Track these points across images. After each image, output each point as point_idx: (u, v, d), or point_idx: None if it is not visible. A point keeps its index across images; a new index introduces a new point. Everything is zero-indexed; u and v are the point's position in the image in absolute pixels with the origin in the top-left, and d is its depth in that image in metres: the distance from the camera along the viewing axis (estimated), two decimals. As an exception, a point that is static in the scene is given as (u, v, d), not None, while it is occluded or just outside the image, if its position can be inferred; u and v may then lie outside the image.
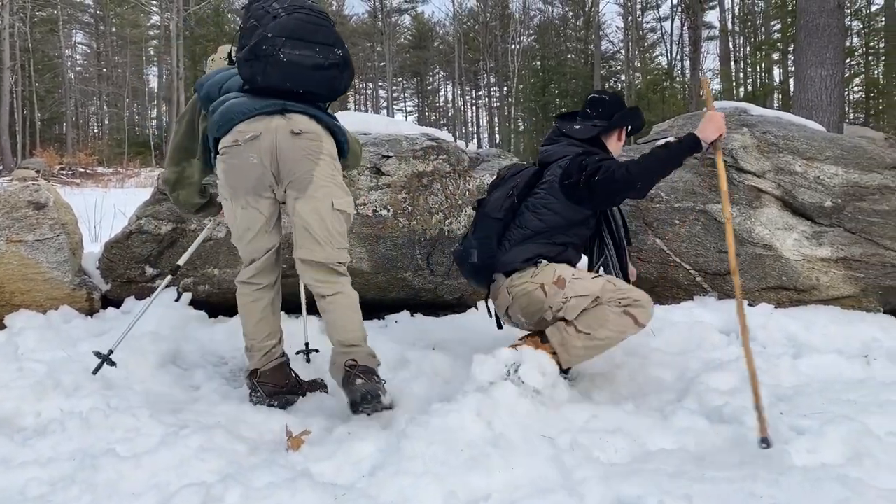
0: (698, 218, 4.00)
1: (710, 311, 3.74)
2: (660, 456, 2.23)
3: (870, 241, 3.82)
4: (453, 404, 2.42)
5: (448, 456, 2.14)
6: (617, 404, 2.60)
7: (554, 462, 2.16)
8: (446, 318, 3.79)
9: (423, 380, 2.90)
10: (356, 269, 3.62)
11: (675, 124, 4.69)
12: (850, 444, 2.30)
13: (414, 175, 3.74)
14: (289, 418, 2.51)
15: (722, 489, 2.00)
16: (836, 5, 9.71)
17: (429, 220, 3.75)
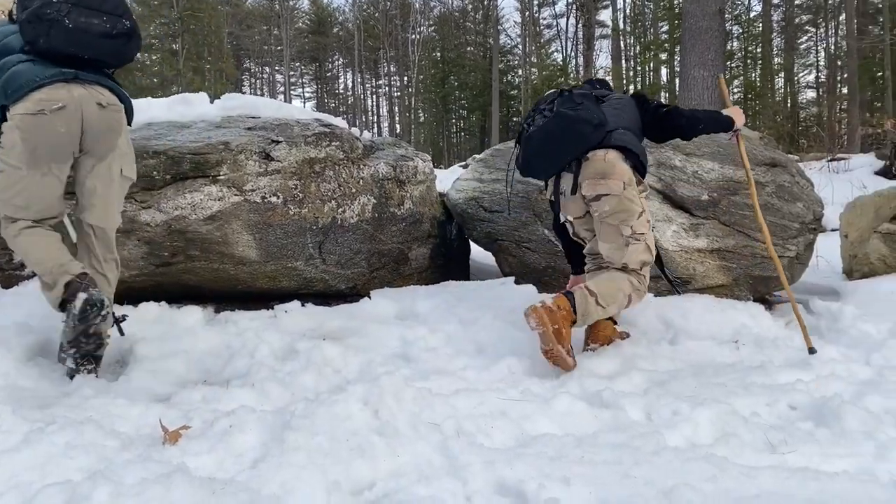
0: (585, 210, 4.12)
1: (595, 300, 3.86)
2: (542, 440, 2.28)
3: (742, 233, 4.06)
4: (340, 394, 2.40)
5: (333, 446, 2.12)
6: (502, 391, 2.64)
7: (439, 448, 2.18)
8: (339, 308, 3.74)
9: (312, 370, 2.85)
10: (244, 257, 3.51)
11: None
12: (718, 425, 2.44)
13: (305, 161, 3.67)
14: (168, 412, 2.41)
15: (599, 471, 2.07)
16: (717, 10, 10.27)
17: (321, 207, 3.68)
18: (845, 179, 9.91)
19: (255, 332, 3.28)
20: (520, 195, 4.26)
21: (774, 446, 2.30)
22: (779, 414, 2.60)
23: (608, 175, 2.99)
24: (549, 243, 4.11)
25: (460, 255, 4.82)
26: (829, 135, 15.34)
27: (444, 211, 4.56)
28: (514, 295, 3.84)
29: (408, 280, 4.28)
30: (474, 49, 41.67)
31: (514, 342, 3.29)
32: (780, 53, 32.17)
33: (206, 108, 3.92)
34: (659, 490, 1.95)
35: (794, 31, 31.81)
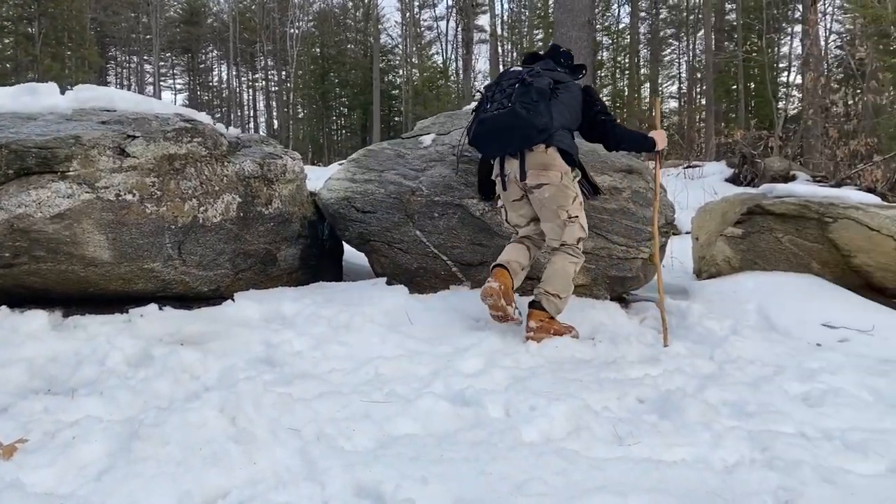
0: (455, 212, 4.19)
1: (463, 300, 3.94)
2: (403, 441, 2.30)
3: (600, 235, 4.26)
4: (195, 401, 2.32)
5: (185, 455, 2.04)
6: (367, 394, 2.64)
7: (298, 453, 2.15)
8: (200, 311, 3.61)
9: (167, 377, 2.73)
10: (95, 259, 3.32)
11: (437, 121, 4.88)
12: (571, 420, 2.55)
13: (164, 157, 3.50)
14: (4, 424, 2.23)
15: (457, 468, 2.12)
16: (586, 21, 10.72)
17: (181, 206, 3.53)
18: (699, 185, 10.63)
19: (106, 337, 3.11)
20: (392, 196, 4.27)
21: (622, 438, 2.43)
22: (628, 407, 2.76)
23: (549, 167, 3.46)
24: (422, 244, 4.15)
25: (332, 256, 4.77)
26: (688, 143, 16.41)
27: (316, 211, 4.50)
28: (386, 296, 3.86)
29: (276, 281, 4.19)
30: (355, 47, 41.36)
31: (383, 344, 3.29)
32: (647, 65, 34.09)
33: (55, 100, 3.67)
34: (512, 485, 2.02)
35: (659, 44, 33.81)
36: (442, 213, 4.20)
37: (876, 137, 12.21)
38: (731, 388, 2.99)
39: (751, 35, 25.31)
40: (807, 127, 14.09)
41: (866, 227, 4.53)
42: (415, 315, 3.67)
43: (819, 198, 4.81)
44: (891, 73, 10.49)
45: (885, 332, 4.03)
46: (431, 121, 4.92)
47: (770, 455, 2.33)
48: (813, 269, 4.75)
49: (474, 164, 4.31)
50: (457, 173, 4.24)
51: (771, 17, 25.20)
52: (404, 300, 3.82)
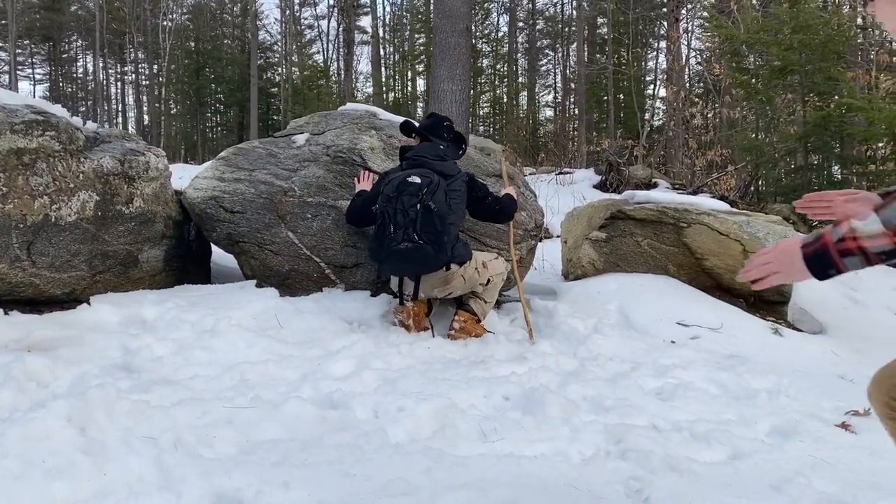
0: (329, 213, 4.15)
1: (336, 302, 3.91)
2: (266, 446, 2.26)
3: (473, 238, 4.35)
4: (38, 411, 2.17)
5: (26, 468, 1.91)
6: (230, 399, 2.57)
7: (154, 462, 2.06)
8: (52, 316, 3.38)
9: (11, 386, 2.54)
10: (-72, 260, 3.04)
11: (312, 121, 4.81)
12: (438, 419, 2.59)
13: (12, 152, 3.26)
14: None
15: (321, 472, 2.10)
16: (464, 27, 10.91)
17: (30, 203, 3.30)
18: (569, 191, 11.08)
19: (-64, 346, 2.85)
20: (263, 196, 4.18)
21: (486, 435, 2.50)
22: (494, 405, 2.83)
23: (450, 280, 3.77)
24: (293, 246, 4.08)
25: (199, 258, 4.60)
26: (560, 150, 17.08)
27: (182, 210, 4.32)
28: (255, 299, 3.77)
29: (138, 284, 3.99)
30: (232, 42, 40.05)
31: (250, 348, 3.21)
32: (524, 73, 35.16)
33: None
34: (376, 486, 2.03)
35: (536, 54, 34.96)
36: (315, 214, 4.15)
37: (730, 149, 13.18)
38: (591, 384, 3.14)
39: (620, 49, 26.67)
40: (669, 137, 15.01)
41: (717, 232, 4.89)
42: (285, 318, 3.60)
43: (675, 204, 5.14)
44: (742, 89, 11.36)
45: (732, 330, 4.37)
46: (305, 120, 4.85)
47: (624, 447, 2.47)
48: (669, 270, 5.06)
49: (349, 166, 4.29)
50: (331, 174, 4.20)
51: (638, 33, 26.70)
52: (274, 303, 3.74)
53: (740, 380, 3.43)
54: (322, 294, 4.02)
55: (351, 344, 3.37)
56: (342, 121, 4.68)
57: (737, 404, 3.10)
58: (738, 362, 3.78)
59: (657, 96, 25.82)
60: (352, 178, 4.22)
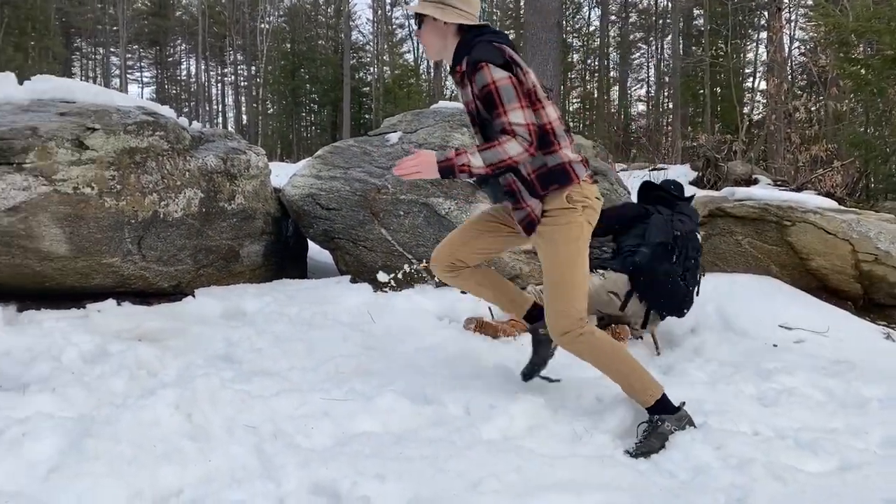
0: (421, 210, 4.19)
1: (428, 298, 3.94)
2: (361, 438, 2.29)
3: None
4: (149, 398, 2.28)
5: (138, 453, 2.01)
6: (327, 391, 2.63)
7: (255, 451, 2.14)
8: (160, 307, 3.56)
9: (123, 374, 2.68)
10: (51, 253, 3.25)
11: (404, 119, 4.87)
12: (529, 418, 2.57)
13: (125, 151, 3.44)
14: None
15: (415, 466, 2.12)
16: (556, 22, 10.79)
17: (141, 200, 3.48)
18: (664, 188, 10.72)
19: (62, 333, 3.05)
20: (357, 194, 4.26)
21: (579, 436, 2.45)
22: (585, 405, 2.78)
23: None
24: (386, 242, 4.14)
25: (297, 253, 4.74)
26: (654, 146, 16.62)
27: (280, 207, 4.46)
28: (349, 294, 3.84)
29: (238, 278, 4.15)
30: (325, 43, 41.09)
31: (345, 342, 3.28)
32: (616, 67, 34.44)
33: (12, 91, 3.58)
34: (469, 482, 2.02)
35: (629, 48, 34.16)
36: (408, 211, 4.20)
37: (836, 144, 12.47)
38: (689, 388, 3.04)
39: (717, 40, 25.71)
40: (770, 132, 14.35)
41: (823, 231, 4.63)
42: (378, 313, 3.66)
43: (778, 201, 4.90)
44: (850, 81, 10.71)
45: (839, 334, 4.12)
46: (398, 118, 4.92)
47: (724, 453, 2.37)
48: (772, 271, 4.83)
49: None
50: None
51: (737, 24, 25.64)
52: (368, 298, 3.81)
53: (849, 387, 3.23)
54: (413, 290, 4.06)
55: (442, 340, 3.38)
56: (434, 119, 4.71)
57: (845, 412, 2.92)
58: (847, 368, 3.56)
59: (757, 89, 24.79)
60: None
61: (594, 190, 2.53)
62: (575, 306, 2.49)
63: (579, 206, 2.46)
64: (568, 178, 2.43)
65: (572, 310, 2.49)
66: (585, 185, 2.48)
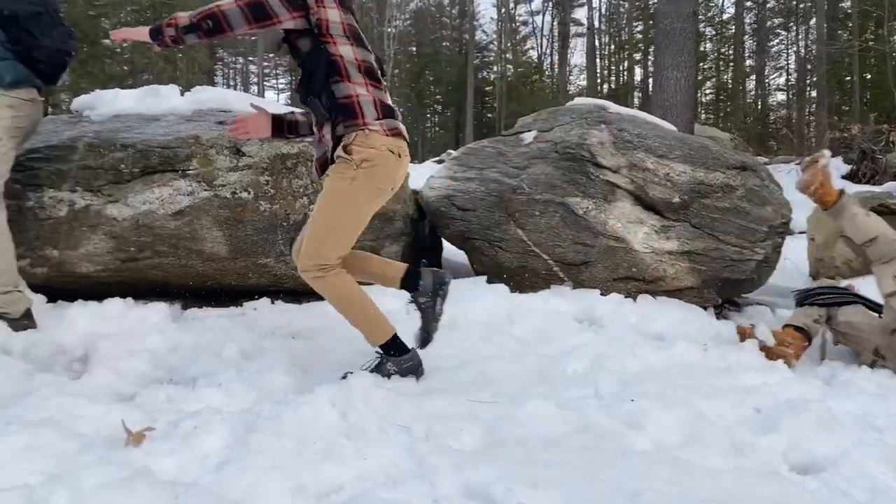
0: (557, 210, 4.14)
1: (565, 300, 3.88)
2: (510, 443, 2.28)
3: (711, 235, 4.10)
4: (307, 395, 2.37)
5: (299, 449, 2.09)
6: (472, 393, 2.63)
7: (408, 451, 2.17)
8: (310, 306, 3.71)
9: (279, 370, 2.82)
10: (213, 254, 3.47)
11: (539, 118, 4.82)
12: (684, 428, 2.46)
13: (277, 157, 3.62)
14: (132, 412, 2.36)
15: (567, 474, 2.08)
16: (690, 12, 10.35)
17: (293, 204, 3.64)
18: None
19: (223, 329, 3.24)
20: (492, 194, 4.26)
21: (740, 449, 2.32)
22: (743, 416, 2.63)
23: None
24: (522, 243, 4.12)
25: (433, 254, 4.81)
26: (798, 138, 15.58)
27: (418, 209, 4.54)
28: (486, 294, 3.85)
29: (379, 278, 4.25)
30: (450, 44, 41.61)
31: (485, 343, 3.29)
32: (752, 56, 32.62)
33: (176, 101, 3.86)
34: (626, 494, 1.96)
35: (766, 34, 32.26)
36: (543, 211, 4.15)
37: None
38: (855, 399, 2.82)
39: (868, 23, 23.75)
40: (933, 120, 13.10)
41: None
42: (516, 314, 3.64)
43: (953, 197, 4.46)
44: None
45: None
46: (533, 117, 4.88)
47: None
48: (945, 273, 4.39)
49: (578, 162, 4.24)
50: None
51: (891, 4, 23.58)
52: (505, 300, 3.80)
53: None
54: (550, 292, 4.01)
55: (583, 344, 3.32)
56: (570, 116, 4.63)
57: None
58: None
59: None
60: (581, 174, 4.16)
61: (390, 142, 2.54)
62: (324, 251, 2.61)
63: (358, 160, 2.49)
64: (353, 115, 2.48)
65: (321, 254, 2.61)
66: (376, 136, 2.50)
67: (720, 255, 4.10)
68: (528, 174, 4.30)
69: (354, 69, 2.56)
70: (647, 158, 4.17)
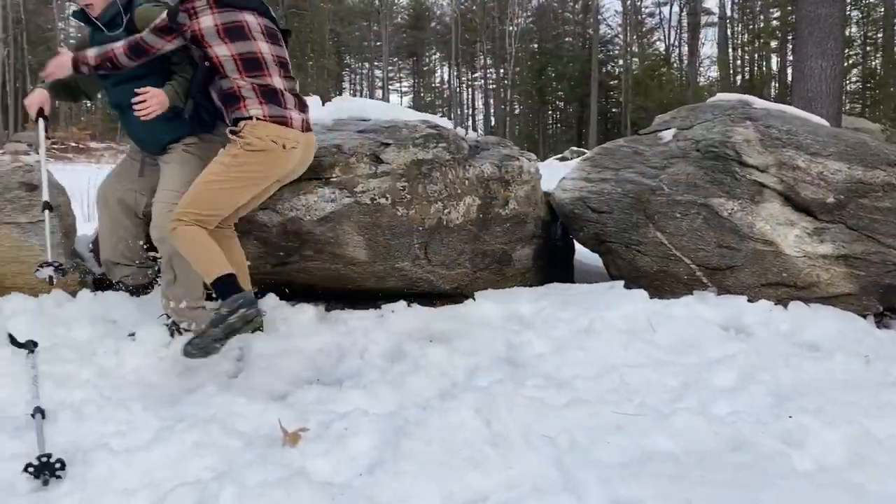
0: (699, 212, 3.96)
1: (709, 307, 3.71)
2: (659, 458, 2.20)
3: (871, 238, 3.80)
4: (452, 401, 2.40)
5: (446, 455, 2.12)
6: (617, 404, 2.56)
7: (553, 462, 2.14)
8: (444, 309, 3.75)
9: (420, 373, 2.87)
10: (354, 258, 3.58)
11: (678, 115, 4.64)
12: (850, 447, 2.28)
13: (413, 163, 3.68)
14: (285, 412, 2.47)
15: (722, 493, 1.98)
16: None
17: (427, 209, 3.70)
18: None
19: (363, 331, 3.34)
20: (629, 196, 4.14)
21: (917, 474, 2.13)
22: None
23: None
24: (662, 246, 3.98)
25: (564, 256, 4.74)
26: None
27: (550, 211, 4.49)
28: (624, 300, 3.73)
29: (510, 281, 4.24)
30: (573, 39, 41.01)
31: (625, 351, 3.19)
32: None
33: (318, 112, 4.01)
34: (792, 519, 1.85)
35: (921, 14, 29.55)
36: (685, 213, 3.99)
37: None
38: None
39: None
40: None
41: None
42: (657, 321, 3.52)
43: None
44: None
45: None
46: (672, 115, 4.70)
47: None
48: None
49: (722, 161, 4.04)
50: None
51: None
52: (644, 305, 3.68)
53: None
54: (693, 298, 3.84)
55: (732, 354, 3.15)
56: (712, 113, 4.43)
57: None
58: None
59: None
60: (725, 173, 3.97)
61: (273, 131, 2.91)
62: (182, 207, 2.89)
63: (241, 143, 2.91)
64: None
65: (178, 209, 2.88)
66: (262, 125, 2.90)
67: (881, 259, 3.79)
68: (667, 174, 4.14)
69: (232, 64, 2.95)
70: (797, 156, 3.91)
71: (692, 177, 4.06)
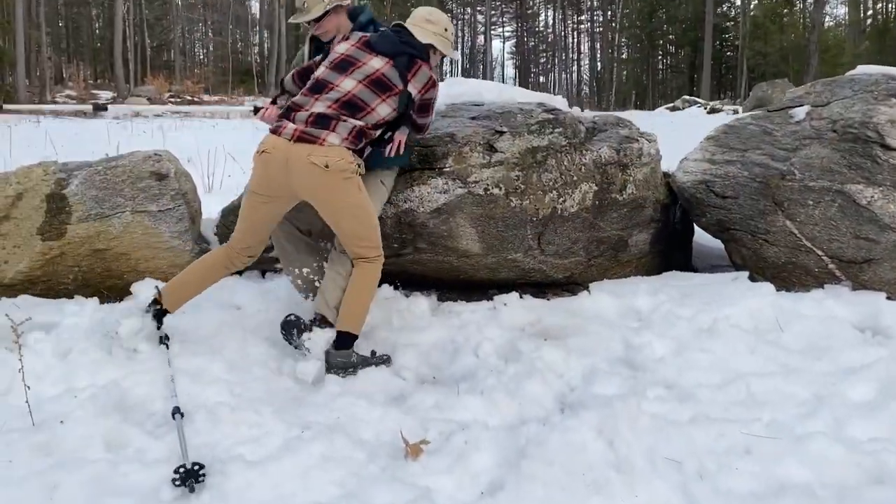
0: (834, 199, 3.69)
1: (843, 304, 3.47)
2: (795, 490, 2.09)
3: None
4: (572, 419, 2.36)
5: (568, 479, 2.10)
6: (744, 422, 2.44)
7: (681, 490, 2.08)
8: (558, 302, 3.70)
9: (536, 377, 2.84)
10: (467, 251, 3.56)
11: (812, 90, 4.30)
12: None
13: (528, 151, 3.60)
14: (405, 419, 2.52)
15: (867, 538, 1.87)
16: None
17: (542, 198, 3.61)
18: None
19: (476, 325, 3.34)
20: (757, 180, 3.90)
21: None
22: None
23: None
24: (791, 236, 3.74)
25: (683, 241, 4.55)
26: None
27: (669, 193, 4.29)
28: (749, 294, 3.54)
29: (626, 267, 4.12)
30: (686, -21, 38.74)
31: (751, 355, 3.04)
32: None
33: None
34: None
35: None
36: (818, 200, 3.72)
37: None
38: None
39: None
40: None
41: None
42: (784, 320, 3.33)
43: None
44: None
45: None
46: (805, 89, 4.36)
47: None
48: None
49: (862, 144, 3.73)
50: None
51: None
52: (771, 300, 3.48)
53: None
54: (824, 293, 3.61)
55: (870, 361, 2.93)
56: (851, 89, 4.07)
57: None
58: None
59: None
60: (865, 157, 3.66)
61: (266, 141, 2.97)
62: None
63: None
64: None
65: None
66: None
67: None
68: (799, 157, 3.87)
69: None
70: None
71: (827, 161, 3.77)
